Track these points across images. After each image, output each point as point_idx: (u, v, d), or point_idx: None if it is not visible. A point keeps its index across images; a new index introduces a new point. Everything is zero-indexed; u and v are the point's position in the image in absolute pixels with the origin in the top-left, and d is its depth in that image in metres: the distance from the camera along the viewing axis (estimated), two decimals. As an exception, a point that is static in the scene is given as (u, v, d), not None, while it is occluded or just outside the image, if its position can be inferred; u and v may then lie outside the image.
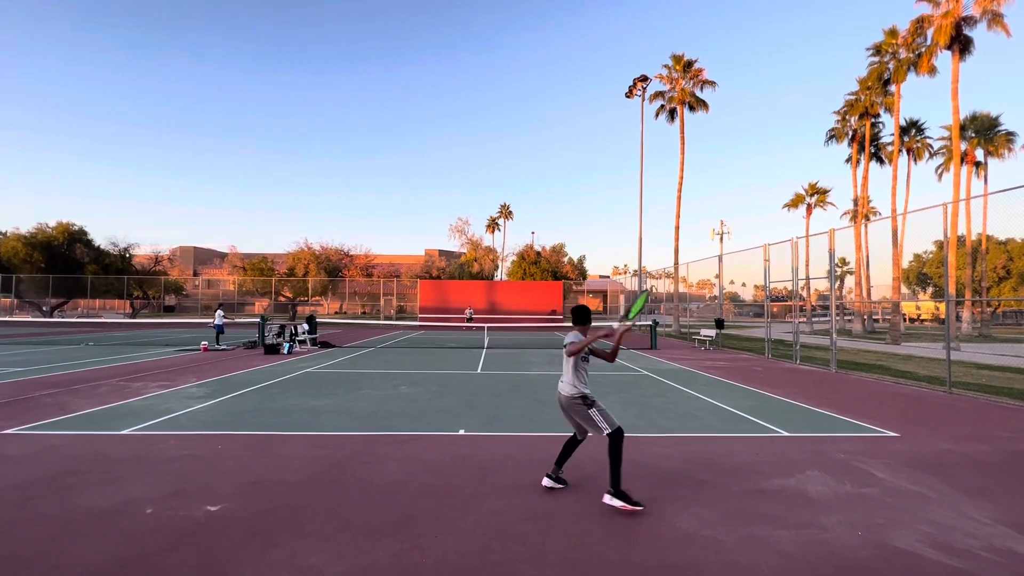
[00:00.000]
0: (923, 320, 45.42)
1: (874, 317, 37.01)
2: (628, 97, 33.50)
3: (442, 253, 65.07)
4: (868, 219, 32.85)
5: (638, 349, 18.33)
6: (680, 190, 31.35)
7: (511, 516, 3.79)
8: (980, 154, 31.55)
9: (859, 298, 31.34)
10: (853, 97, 29.90)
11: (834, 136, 32.62)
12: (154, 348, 16.93)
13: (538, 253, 48.37)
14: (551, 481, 4.30)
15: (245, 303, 52.75)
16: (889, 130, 30.88)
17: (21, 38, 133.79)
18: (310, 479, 4.54)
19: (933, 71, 23.84)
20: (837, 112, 31.74)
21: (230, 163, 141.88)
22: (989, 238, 33.88)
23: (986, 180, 32.41)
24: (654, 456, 5.32)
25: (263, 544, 3.32)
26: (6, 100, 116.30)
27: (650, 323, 20.05)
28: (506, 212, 68.04)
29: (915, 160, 32.79)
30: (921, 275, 46.58)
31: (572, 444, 4.34)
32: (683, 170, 31.19)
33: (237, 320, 24.26)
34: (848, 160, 32.82)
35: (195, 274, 57.94)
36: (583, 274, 53.72)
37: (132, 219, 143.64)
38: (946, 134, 30.89)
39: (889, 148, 30.47)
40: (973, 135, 30.62)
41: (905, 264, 37.96)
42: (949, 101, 23.08)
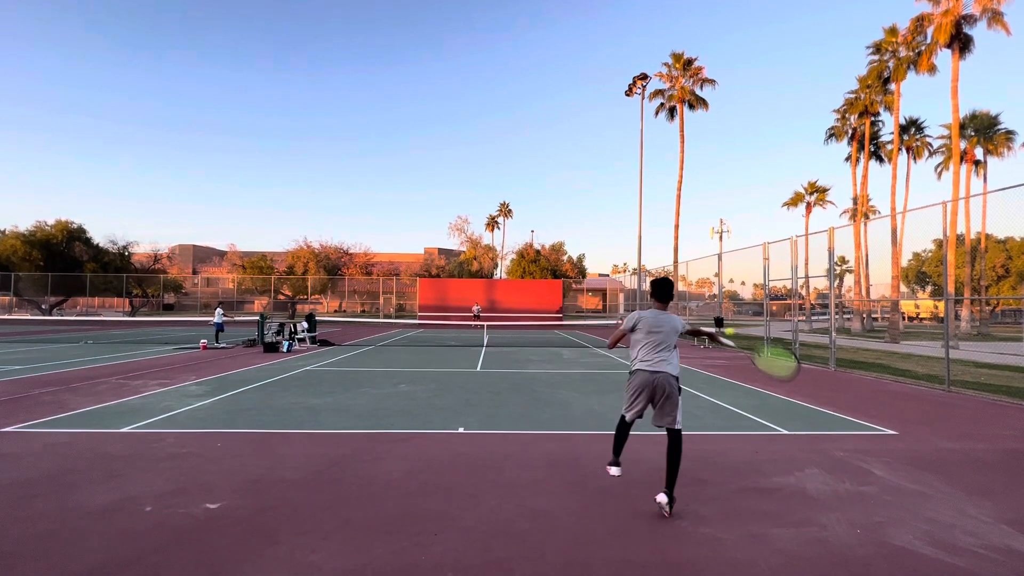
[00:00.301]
0: (922, 319, 45.49)
1: (873, 316, 37.07)
2: (628, 95, 33.47)
3: (441, 251, 65.07)
4: (867, 218, 32.87)
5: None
6: (680, 188, 31.36)
7: (510, 514, 3.79)
8: (980, 153, 31.60)
9: (858, 297, 31.37)
10: (853, 95, 29.90)
11: (834, 135, 32.62)
12: (153, 346, 16.93)
13: (537, 251, 48.40)
14: (618, 469, 4.07)
15: (244, 301, 52.71)
16: (889, 129, 30.89)
17: (21, 37, 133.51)
18: (309, 477, 4.54)
19: (933, 70, 23.85)
20: (837, 111, 31.76)
21: (229, 161, 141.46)
22: (988, 237, 33.91)
23: (985, 179, 32.48)
24: (653, 454, 5.32)
25: (263, 542, 3.32)
26: (5, 99, 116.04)
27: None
28: (505, 210, 68.03)
29: (915, 159, 32.83)
30: (920, 274, 46.65)
31: (627, 429, 4.11)
32: (683, 168, 31.18)
33: (236, 318, 24.25)
34: (848, 159, 32.84)
35: (194, 272, 57.91)
36: (582, 272, 53.77)
37: (131, 217, 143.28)
38: (946, 133, 30.93)
39: (889, 147, 30.47)
40: (973, 134, 30.64)
41: (904, 263, 38.01)
42: (949, 100, 23.15)
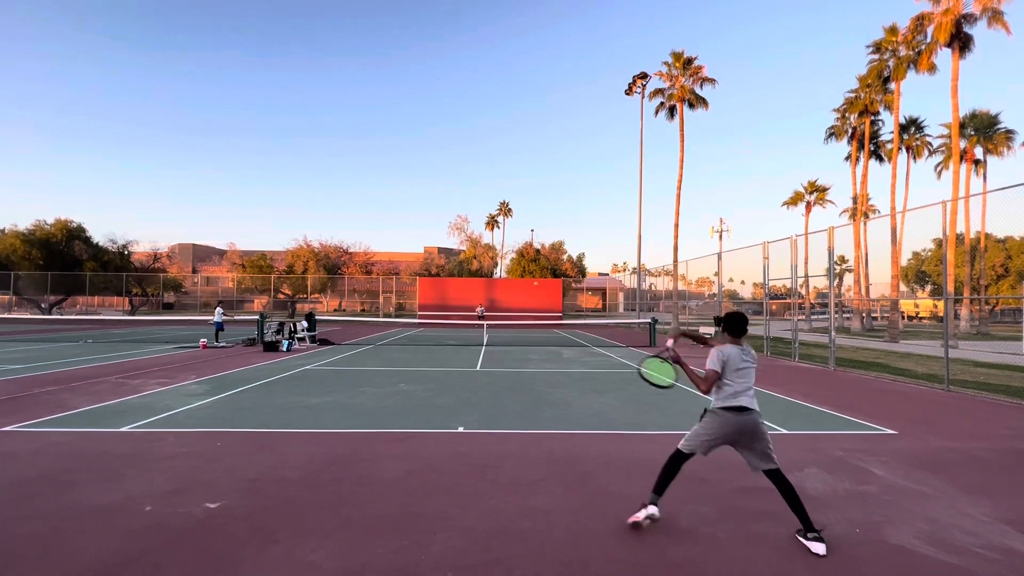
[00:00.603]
0: (921, 318, 45.49)
1: (873, 315, 37.09)
2: (628, 95, 33.48)
3: (441, 251, 65.06)
4: (867, 217, 32.88)
5: (637, 347, 18.35)
6: (679, 188, 31.33)
7: (510, 513, 3.80)
8: (979, 152, 31.61)
9: (858, 296, 31.39)
10: (853, 95, 29.89)
11: (834, 134, 32.61)
12: (153, 345, 16.92)
13: (537, 251, 48.41)
14: (655, 510, 3.52)
15: (244, 300, 52.68)
16: (889, 128, 30.89)
17: (20, 36, 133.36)
18: (309, 476, 4.54)
19: (933, 69, 23.82)
20: (837, 110, 31.73)
21: (229, 160, 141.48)
22: (988, 236, 33.94)
23: (985, 178, 32.50)
24: (654, 453, 5.33)
25: (263, 541, 3.32)
26: (5, 98, 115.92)
27: (649, 321, 20.07)
28: (505, 210, 68.01)
29: (914, 158, 32.84)
30: (920, 273, 46.65)
31: (680, 464, 3.66)
32: (682, 168, 31.15)
33: (236, 317, 24.26)
34: (848, 158, 32.85)
35: (194, 271, 57.89)
36: (582, 272, 53.81)
37: (131, 216, 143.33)
38: (945, 132, 30.93)
39: (888, 146, 30.47)
40: (972, 133, 30.66)
41: (904, 262, 38.01)
42: (949, 99, 23.15)
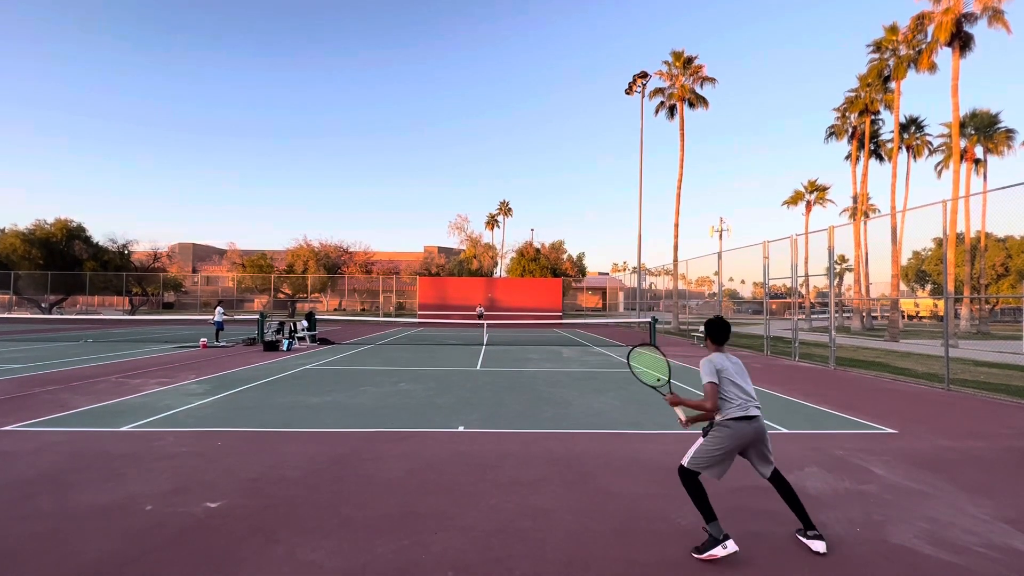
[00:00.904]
0: (922, 317, 45.50)
1: (873, 314, 37.08)
2: (628, 94, 33.48)
3: (441, 250, 65.04)
4: (867, 216, 32.88)
5: (637, 346, 18.33)
6: (679, 187, 31.35)
7: (511, 513, 3.80)
8: (980, 151, 31.59)
9: (858, 295, 31.39)
10: (853, 94, 29.88)
11: (834, 133, 32.60)
12: (153, 345, 16.92)
13: (537, 250, 48.40)
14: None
15: (244, 300, 52.72)
16: (889, 127, 30.89)
17: (21, 35, 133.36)
18: (310, 475, 4.54)
19: (933, 68, 23.81)
20: (837, 109, 31.74)
21: (229, 160, 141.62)
22: (988, 235, 33.94)
23: (985, 177, 32.49)
24: (654, 453, 5.33)
25: (263, 540, 3.32)
26: (5, 97, 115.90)
27: (649, 320, 20.07)
28: (505, 209, 68.01)
29: (915, 157, 32.83)
30: (920, 272, 46.66)
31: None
32: (683, 167, 31.17)
33: (236, 317, 24.26)
34: (848, 157, 32.85)
35: (194, 271, 57.90)
36: (582, 271, 53.81)
37: (131, 216, 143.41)
38: (946, 131, 30.92)
39: (889, 145, 30.46)
40: (973, 132, 30.64)
41: (904, 261, 38.03)
42: (949, 98, 23.12)
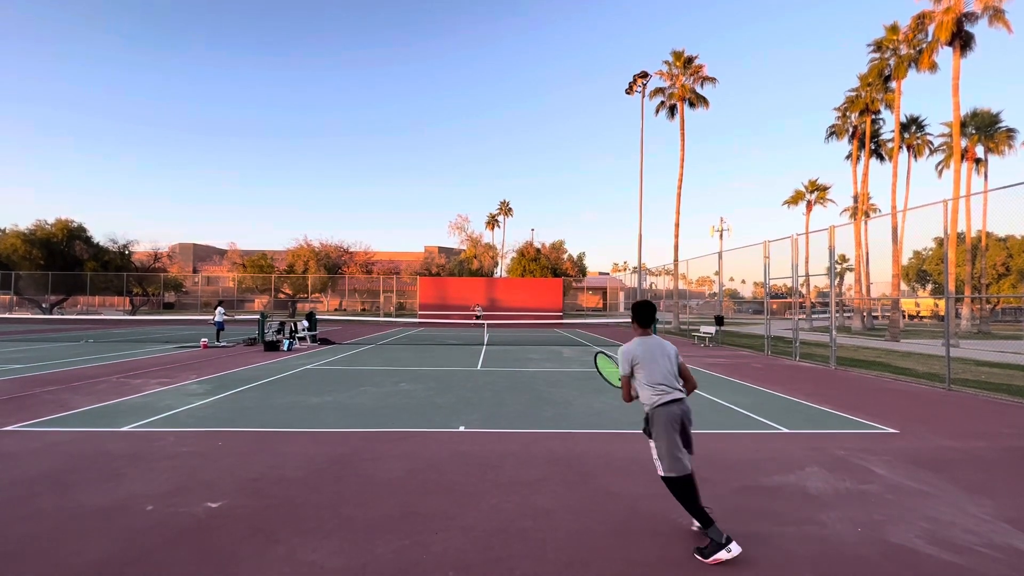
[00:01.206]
0: (922, 317, 45.49)
1: (873, 314, 37.05)
2: (628, 94, 33.44)
3: (442, 250, 65.03)
4: (868, 216, 32.86)
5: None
6: (680, 187, 31.33)
7: (512, 513, 3.80)
8: (980, 151, 31.54)
9: (859, 295, 31.36)
10: (854, 93, 29.85)
11: (834, 133, 32.57)
12: (154, 345, 16.93)
13: (538, 250, 48.38)
14: (730, 552, 3.05)
15: (245, 300, 52.74)
16: (889, 127, 30.85)
17: (22, 35, 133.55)
18: (311, 476, 4.54)
19: (934, 67, 23.78)
20: (837, 108, 31.70)
21: (229, 160, 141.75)
22: (989, 235, 33.88)
23: (986, 177, 32.45)
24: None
25: (264, 540, 3.32)
26: (6, 96, 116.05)
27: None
28: (506, 209, 67.98)
29: (915, 157, 32.79)
30: (921, 272, 46.59)
31: (692, 483, 3.25)
32: (683, 167, 31.16)
33: (237, 317, 24.28)
34: (848, 157, 32.81)
35: (194, 271, 57.92)
36: (583, 271, 53.78)
37: (131, 216, 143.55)
38: (946, 131, 30.86)
39: (889, 145, 30.43)
40: (974, 132, 30.59)
41: (905, 261, 38.01)
42: (950, 98, 23.07)
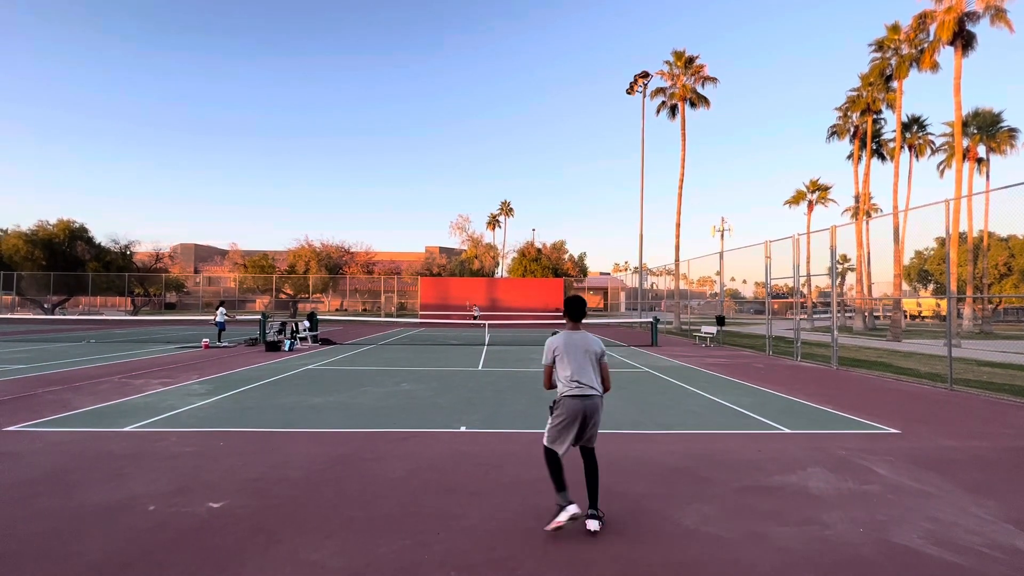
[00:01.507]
0: (924, 317, 45.41)
1: (875, 314, 37.00)
2: (629, 94, 33.46)
3: (443, 250, 65.06)
4: (869, 216, 32.80)
5: (639, 346, 18.34)
6: (681, 187, 31.33)
7: (513, 513, 3.79)
8: (982, 150, 31.49)
9: (860, 295, 31.31)
10: (855, 93, 29.81)
11: (836, 133, 32.54)
12: (155, 345, 16.95)
13: (539, 250, 48.37)
14: (575, 507, 3.43)
15: (246, 300, 52.78)
16: (891, 126, 30.81)
17: (23, 35, 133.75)
18: (312, 476, 4.54)
19: (935, 67, 23.74)
20: (839, 108, 31.68)
21: (231, 160, 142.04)
22: (991, 235, 33.81)
23: (988, 176, 32.42)
24: (656, 453, 5.33)
25: (266, 540, 3.32)
26: (7, 97, 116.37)
27: (651, 320, 20.06)
28: (507, 209, 67.98)
29: (917, 157, 32.74)
30: (922, 272, 46.53)
31: (558, 457, 3.56)
32: (684, 167, 31.16)
33: (238, 317, 24.29)
34: (850, 157, 32.79)
35: (196, 271, 58.01)
36: (584, 271, 53.76)
37: (133, 217, 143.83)
38: (948, 130, 30.80)
39: (891, 144, 30.40)
40: (975, 131, 30.53)
41: (906, 261, 37.94)
42: (951, 97, 23.03)
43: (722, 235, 37.82)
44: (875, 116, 29.63)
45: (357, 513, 3.77)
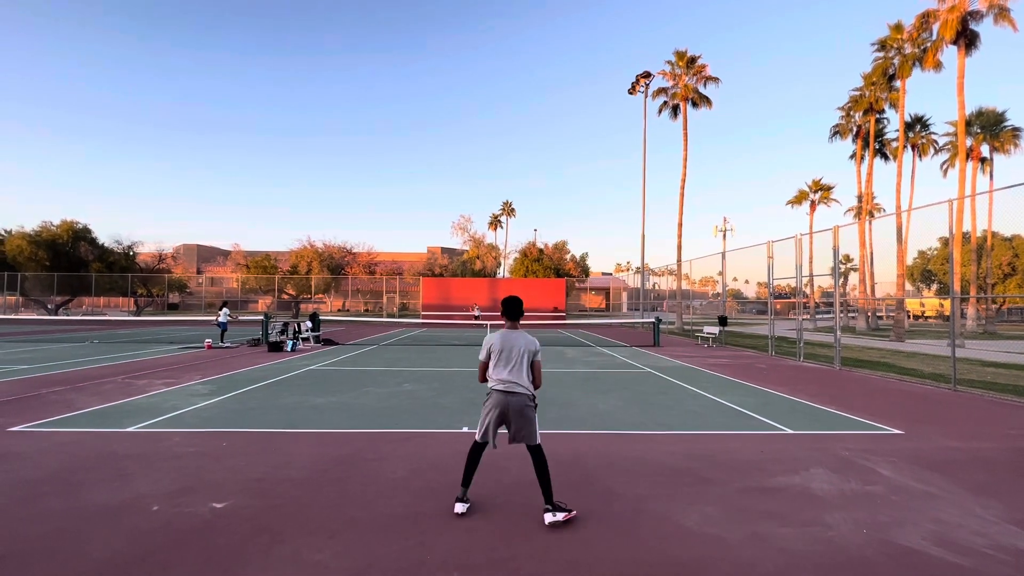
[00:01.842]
0: (927, 317, 45.26)
1: (878, 314, 36.91)
2: (631, 94, 33.40)
3: (445, 251, 65.09)
4: (872, 216, 32.71)
5: (641, 346, 18.32)
6: (683, 187, 31.28)
7: (516, 513, 3.80)
8: (986, 150, 31.39)
9: (863, 295, 31.23)
10: (858, 93, 29.75)
11: (838, 132, 32.47)
12: (158, 346, 17.00)
13: (540, 250, 48.34)
14: (464, 506, 3.78)
15: (249, 301, 52.90)
16: (894, 126, 30.73)
17: (24, 35, 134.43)
18: (315, 476, 4.55)
19: (939, 66, 23.67)
20: (841, 108, 31.63)
21: (233, 161, 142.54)
22: (994, 234, 33.70)
23: (991, 176, 32.30)
24: (658, 453, 5.32)
25: (268, 541, 3.33)
26: (10, 97, 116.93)
27: (653, 320, 20.04)
28: (508, 209, 67.99)
29: (920, 156, 32.63)
30: (925, 272, 46.37)
31: (479, 454, 3.89)
32: (686, 167, 31.10)
33: (241, 318, 24.34)
34: (852, 156, 32.74)
35: (199, 272, 58.16)
36: (586, 271, 53.72)
37: (136, 217, 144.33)
38: (951, 130, 30.71)
39: (894, 144, 30.32)
40: (979, 131, 30.43)
41: (909, 261, 37.79)
42: (955, 97, 22.96)
43: (724, 235, 37.76)
44: (878, 115, 29.57)
45: (359, 513, 3.78)
